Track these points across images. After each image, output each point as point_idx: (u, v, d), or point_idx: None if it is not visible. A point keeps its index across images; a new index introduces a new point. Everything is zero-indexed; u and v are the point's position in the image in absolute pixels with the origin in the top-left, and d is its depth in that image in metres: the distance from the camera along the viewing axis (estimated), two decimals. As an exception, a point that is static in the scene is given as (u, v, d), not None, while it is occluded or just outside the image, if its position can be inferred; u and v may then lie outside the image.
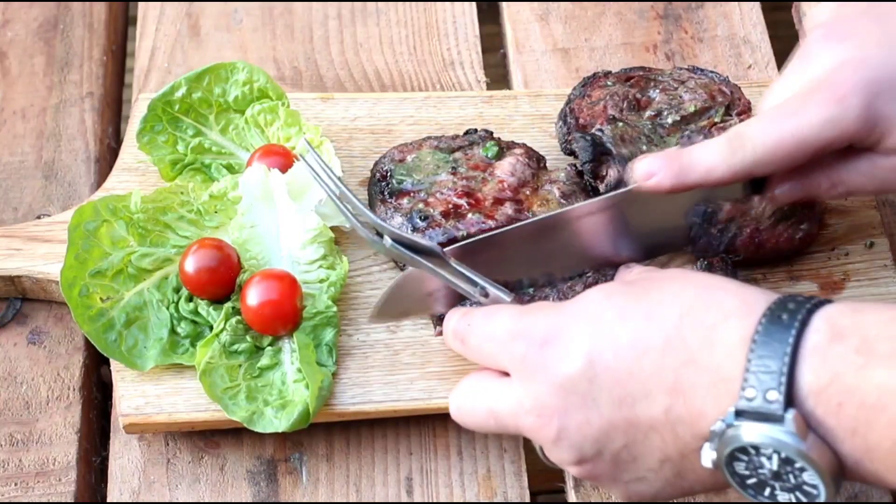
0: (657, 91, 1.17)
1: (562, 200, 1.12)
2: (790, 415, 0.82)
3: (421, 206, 1.11)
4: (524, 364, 0.91)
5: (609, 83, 1.18)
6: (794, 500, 0.86)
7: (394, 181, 1.13)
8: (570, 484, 1.06)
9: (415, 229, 1.10)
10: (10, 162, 1.24)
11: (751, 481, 0.86)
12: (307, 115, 1.20)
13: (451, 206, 1.11)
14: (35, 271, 1.12)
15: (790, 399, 0.82)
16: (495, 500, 1.05)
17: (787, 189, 1.02)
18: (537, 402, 0.90)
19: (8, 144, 1.25)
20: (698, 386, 0.85)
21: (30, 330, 1.14)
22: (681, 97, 1.17)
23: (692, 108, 1.16)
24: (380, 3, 1.35)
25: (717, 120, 1.16)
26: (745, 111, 1.17)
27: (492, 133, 1.18)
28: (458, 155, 1.15)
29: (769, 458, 0.84)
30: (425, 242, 1.01)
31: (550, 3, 1.35)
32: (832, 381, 0.82)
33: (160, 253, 1.10)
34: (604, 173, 1.13)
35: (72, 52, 1.32)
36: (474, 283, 1.00)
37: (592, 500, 1.05)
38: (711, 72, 1.20)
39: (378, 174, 1.15)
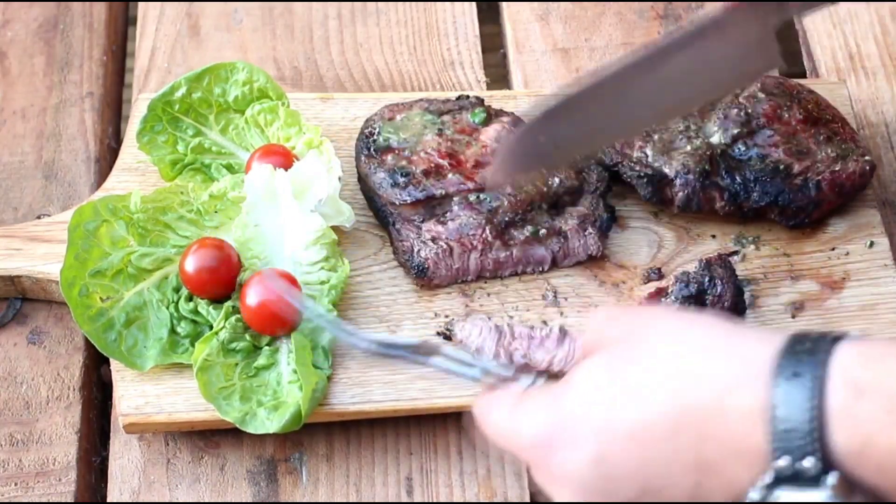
0: None
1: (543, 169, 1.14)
2: (832, 479, 0.79)
3: (404, 163, 1.14)
4: (535, 467, 0.89)
5: None
6: None
7: (380, 138, 1.15)
8: (570, 484, 1.06)
9: (395, 185, 1.12)
10: (10, 162, 1.24)
11: None
12: (307, 115, 1.20)
13: (433, 165, 1.14)
14: (35, 271, 1.12)
15: (826, 462, 0.80)
16: (495, 500, 1.05)
17: None
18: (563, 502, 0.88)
19: (8, 144, 1.25)
20: (723, 458, 0.82)
21: (30, 330, 1.14)
22: None
23: None
24: (380, 3, 1.35)
25: (737, 90, 1.16)
26: None
27: (482, 100, 1.19)
28: (446, 118, 1.17)
29: None
30: (410, 341, 0.97)
31: (550, 3, 1.35)
32: (866, 443, 0.79)
33: (160, 253, 1.10)
34: (670, 196, 1.14)
35: (72, 52, 1.32)
36: (472, 366, 0.97)
37: (592, 500, 1.05)
38: None
39: (366, 130, 1.16)
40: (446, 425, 1.08)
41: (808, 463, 0.79)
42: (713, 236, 1.16)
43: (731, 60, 1.02)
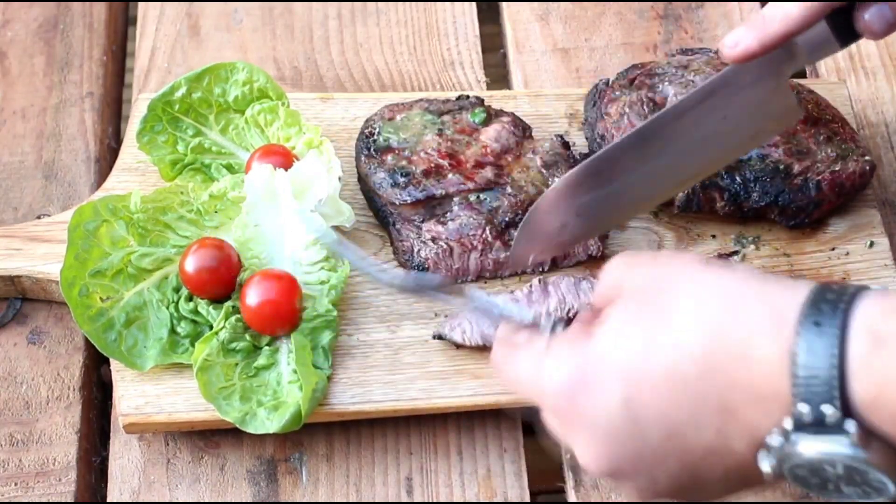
0: (667, 84, 1.17)
1: (542, 169, 1.14)
2: (850, 427, 0.81)
3: (404, 163, 1.14)
4: (559, 416, 0.89)
5: (616, 93, 1.18)
6: (859, 494, 0.84)
7: (380, 138, 1.16)
8: (569, 484, 1.06)
9: (395, 185, 1.12)
10: (10, 162, 1.24)
11: (814, 481, 0.85)
12: (307, 115, 1.20)
13: (432, 165, 1.14)
14: (35, 271, 1.12)
15: (845, 410, 0.81)
16: (495, 500, 1.05)
17: (875, 14, 0.99)
18: (584, 451, 0.88)
19: (8, 144, 1.25)
20: (745, 403, 0.83)
21: (30, 330, 1.14)
22: (694, 82, 1.16)
23: None
24: (380, 3, 1.35)
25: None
26: None
27: (483, 100, 1.19)
28: (446, 118, 1.18)
29: (833, 465, 0.83)
30: (438, 280, 0.99)
31: (550, 3, 1.35)
32: (883, 391, 0.80)
33: (160, 253, 1.10)
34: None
35: (72, 52, 1.32)
36: (492, 312, 0.97)
37: (592, 500, 1.05)
38: (699, 49, 1.21)
39: (366, 130, 1.16)
40: (446, 425, 1.08)
41: (828, 410, 0.81)
42: (713, 236, 1.16)
43: (747, 117, 1.04)
